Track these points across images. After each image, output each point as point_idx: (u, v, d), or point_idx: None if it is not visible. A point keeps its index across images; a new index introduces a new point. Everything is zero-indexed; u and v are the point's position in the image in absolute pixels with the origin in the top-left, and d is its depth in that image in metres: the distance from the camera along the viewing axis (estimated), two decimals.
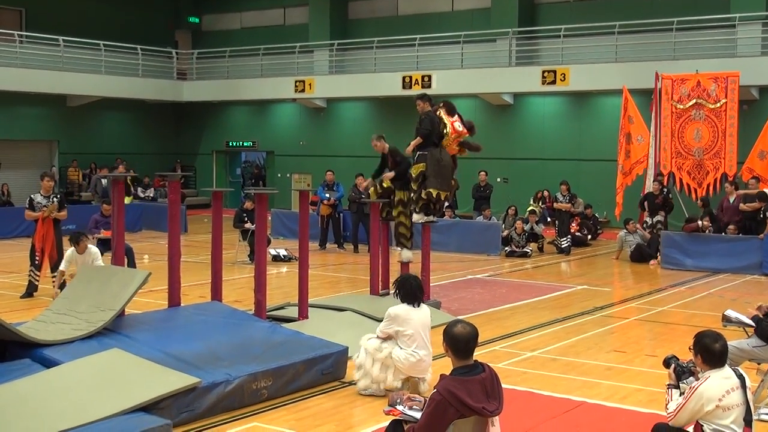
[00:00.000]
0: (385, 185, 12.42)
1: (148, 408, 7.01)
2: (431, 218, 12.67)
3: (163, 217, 12.27)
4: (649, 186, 19.91)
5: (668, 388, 6.06)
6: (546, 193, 24.89)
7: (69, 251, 12.70)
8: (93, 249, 12.74)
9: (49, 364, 7.59)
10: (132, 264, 13.80)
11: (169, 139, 34.86)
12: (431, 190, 12.01)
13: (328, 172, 21.23)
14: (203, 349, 8.31)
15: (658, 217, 19.40)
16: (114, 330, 8.47)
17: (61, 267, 12.71)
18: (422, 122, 12.16)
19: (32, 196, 13.78)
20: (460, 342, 5.19)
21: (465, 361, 5.21)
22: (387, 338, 8.38)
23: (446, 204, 14.39)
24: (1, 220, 22.30)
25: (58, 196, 13.98)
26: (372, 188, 12.61)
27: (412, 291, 8.30)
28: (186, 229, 23.22)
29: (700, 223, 18.22)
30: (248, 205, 18.25)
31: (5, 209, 24.46)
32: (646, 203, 19.62)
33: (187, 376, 7.52)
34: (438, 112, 12.31)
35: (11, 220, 22.01)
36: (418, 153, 12.17)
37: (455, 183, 13.11)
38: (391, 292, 9.08)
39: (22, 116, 29.94)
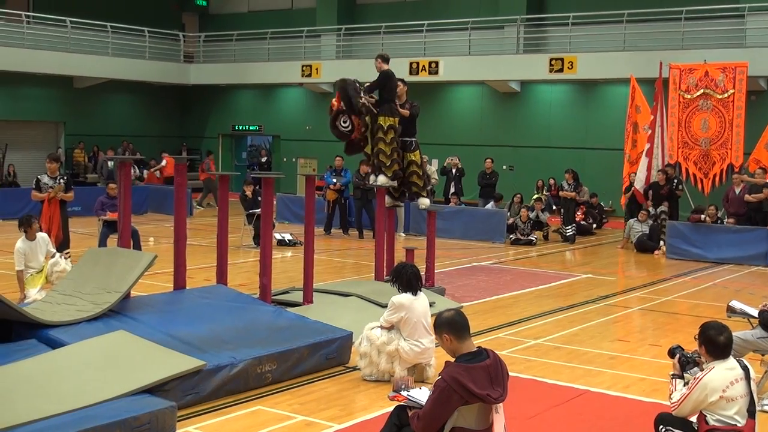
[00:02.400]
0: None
1: (153, 390, 7.03)
2: (398, 203, 13.09)
3: (169, 200, 12.28)
4: (654, 176, 19.88)
5: (672, 378, 6.08)
6: (551, 182, 24.90)
7: (19, 243, 11.32)
8: (43, 235, 11.61)
9: (54, 344, 7.61)
10: (137, 246, 13.82)
11: (175, 122, 34.86)
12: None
13: (337, 158, 21.19)
14: (208, 332, 8.33)
15: (662, 208, 19.38)
16: (120, 312, 8.49)
17: (17, 267, 11.28)
18: (378, 78, 12.19)
19: (39, 176, 13.80)
20: (458, 323, 5.24)
21: (468, 345, 5.23)
22: (390, 327, 8.39)
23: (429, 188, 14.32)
24: (7, 201, 22.32)
25: (65, 177, 13.99)
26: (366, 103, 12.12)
27: (408, 280, 8.32)
28: (191, 213, 23.25)
29: (703, 216, 18.20)
30: (248, 189, 18.27)
31: (11, 190, 24.51)
32: (650, 193, 19.59)
33: (192, 358, 7.54)
34: None
35: (17, 200, 22.02)
36: (412, 140, 12.36)
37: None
38: (389, 281, 9.05)
39: (29, 97, 29.95)
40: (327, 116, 12.39)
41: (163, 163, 27.96)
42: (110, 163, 25.77)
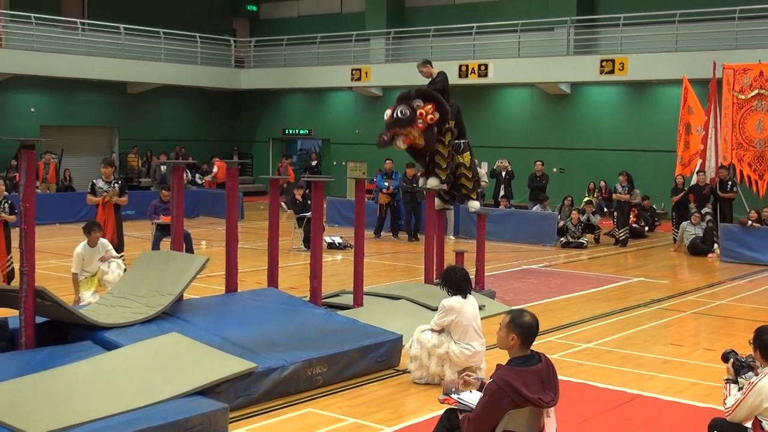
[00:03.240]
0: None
1: (205, 392, 7.10)
2: (448, 206, 13.19)
3: (221, 204, 12.39)
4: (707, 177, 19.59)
5: (726, 383, 5.98)
6: (602, 184, 24.67)
7: (79, 248, 11.62)
8: (104, 241, 11.88)
9: (109, 346, 7.72)
10: (190, 250, 13.97)
11: (227, 127, 35.18)
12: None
13: (387, 161, 21.24)
14: (259, 335, 8.39)
15: (707, 209, 19.10)
16: (172, 314, 8.58)
17: (73, 269, 11.62)
18: (443, 80, 12.12)
19: (94, 181, 13.99)
20: (531, 330, 5.20)
21: (524, 351, 5.20)
22: (441, 330, 8.38)
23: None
24: (63, 205, 22.72)
25: (119, 181, 14.18)
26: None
27: (458, 283, 8.29)
28: (243, 216, 23.44)
29: (748, 220, 17.87)
30: (297, 193, 18.38)
31: (67, 194, 24.91)
32: (692, 195, 19.34)
33: (244, 360, 7.60)
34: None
35: (73, 204, 22.43)
36: (462, 142, 12.30)
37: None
38: (439, 284, 9.01)
39: (84, 103, 30.45)
40: (383, 119, 12.20)
41: (215, 170, 28.23)
42: (163, 168, 26.09)
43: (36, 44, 27.18)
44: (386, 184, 20.78)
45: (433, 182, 12.24)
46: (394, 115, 11.65)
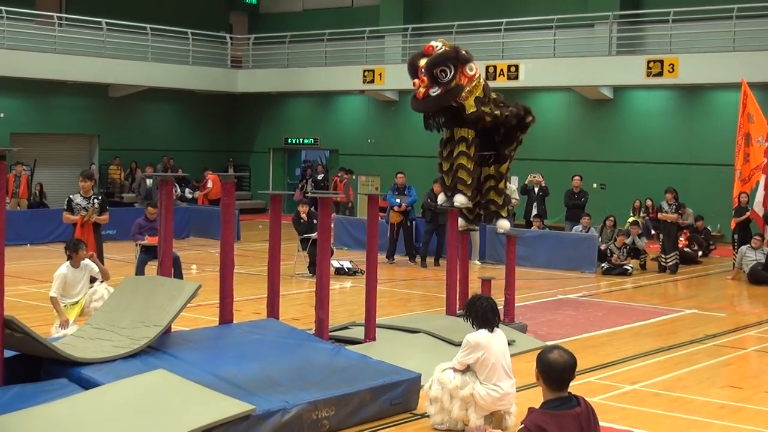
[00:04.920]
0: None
1: None
2: (473, 227, 13.13)
3: (214, 223, 12.43)
4: None
5: None
6: (649, 203, 24.62)
7: (63, 269, 11.49)
8: (87, 262, 11.75)
9: (87, 384, 7.73)
10: (179, 275, 14.00)
11: (221, 135, 35.33)
12: None
13: (399, 175, 21.26)
14: (258, 373, 8.39)
15: None
16: (159, 348, 8.59)
17: (52, 293, 11.40)
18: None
19: (71, 196, 14.08)
20: (554, 371, 5.15)
21: (558, 393, 5.17)
22: (465, 369, 8.35)
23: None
24: (35, 224, 22.79)
25: (99, 197, 14.26)
26: None
27: (484, 314, 8.27)
28: (239, 237, 23.48)
29: None
30: (302, 210, 18.40)
31: (40, 211, 25.01)
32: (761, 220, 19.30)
33: (240, 402, 7.59)
34: None
35: (46, 223, 22.52)
36: (489, 153, 12.47)
37: None
38: (462, 316, 8.97)
39: (61, 107, 30.66)
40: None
41: (210, 185, 28.36)
42: (149, 181, 26.23)
43: (7, 41, 27.42)
44: (398, 200, 20.72)
45: (460, 199, 12.21)
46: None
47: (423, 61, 11.80)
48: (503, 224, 12.76)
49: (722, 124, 24.71)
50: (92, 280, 11.80)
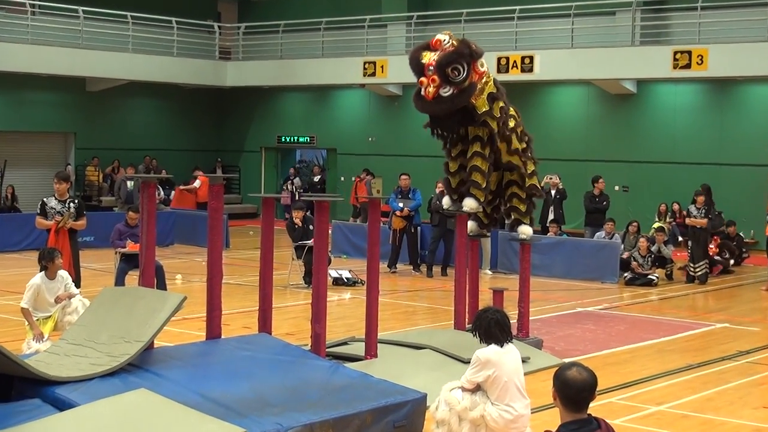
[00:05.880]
0: None
1: None
2: (485, 232, 13.17)
3: (200, 229, 12.43)
4: None
5: None
6: (675, 207, 24.61)
7: (36, 279, 11.46)
8: (63, 273, 11.74)
9: (62, 405, 7.72)
10: (162, 285, 14.00)
11: (209, 133, 35.35)
12: None
13: (403, 176, 21.26)
14: (249, 392, 8.38)
15: None
16: (141, 366, 8.59)
17: (23, 304, 11.37)
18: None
19: (45, 200, 14.07)
20: (571, 389, 5.15)
21: (576, 414, 5.17)
22: (475, 388, 8.33)
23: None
24: (6, 230, 22.82)
25: (76, 201, 14.25)
26: None
27: (488, 328, 8.22)
28: (228, 244, 23.49)
29: None
30: (297, 216, 18.37)
31: (11, 216, 25.08)
32: None
33: (230, 424, 7.58)
34: None
35: (18, 229, 22.52)
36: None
37: None
38: (471, 330, 8.93)
39: (33, 103, 30.67)
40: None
41: (197, 183, 28.36)
42: (130, 184, 26.20)
43: None
44: (401, 205, 20.70)
45: (471, 204, 12.16)
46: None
47: (428, 57, 11.71)
48: (526, 230, 12.74)
49: (756, 121, 24.74)
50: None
